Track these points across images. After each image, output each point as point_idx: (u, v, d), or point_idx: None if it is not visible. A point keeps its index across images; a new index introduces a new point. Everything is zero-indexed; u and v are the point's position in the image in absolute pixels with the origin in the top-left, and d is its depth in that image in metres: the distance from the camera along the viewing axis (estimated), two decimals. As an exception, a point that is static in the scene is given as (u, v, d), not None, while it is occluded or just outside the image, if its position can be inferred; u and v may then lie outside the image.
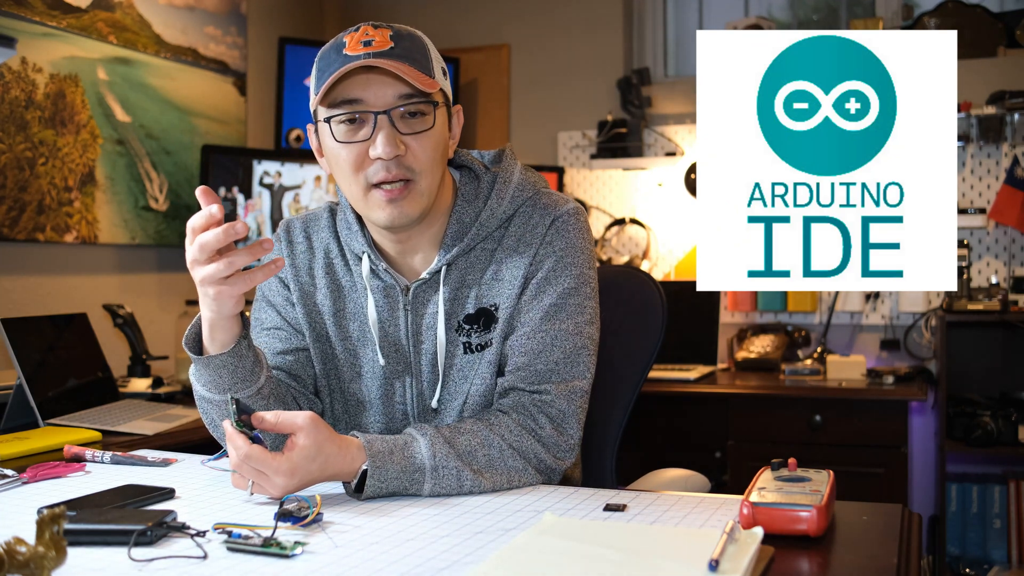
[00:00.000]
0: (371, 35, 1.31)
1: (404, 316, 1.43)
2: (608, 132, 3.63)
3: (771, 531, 1.00)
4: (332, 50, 1.33)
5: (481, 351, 1.40)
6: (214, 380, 1.29)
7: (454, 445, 1.25)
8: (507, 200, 1.42)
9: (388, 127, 1.30)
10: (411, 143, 1.32)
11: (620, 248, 3.71)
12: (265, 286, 1.51)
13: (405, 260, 1.44)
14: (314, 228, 1.51)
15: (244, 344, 1.28)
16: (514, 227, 1.42)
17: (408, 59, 1.30)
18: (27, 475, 1.33)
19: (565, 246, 1.41)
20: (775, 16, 3.79)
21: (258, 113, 3.59)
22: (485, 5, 3.95)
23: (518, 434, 1.31)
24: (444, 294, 1.40)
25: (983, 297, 3.02)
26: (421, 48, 1.34)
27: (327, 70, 1.31)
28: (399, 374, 1.43)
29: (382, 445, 1.22)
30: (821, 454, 2.90)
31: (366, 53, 1.29)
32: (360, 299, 1.45)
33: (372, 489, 1.20)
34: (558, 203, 1.44)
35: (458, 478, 1.23)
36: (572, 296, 1.39)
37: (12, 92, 2.61)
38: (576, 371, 1.37)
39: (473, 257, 1.42)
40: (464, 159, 1.47)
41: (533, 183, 1.46)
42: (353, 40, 1.31)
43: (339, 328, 1.46)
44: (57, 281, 2.79)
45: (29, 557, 0.80)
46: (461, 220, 1.41)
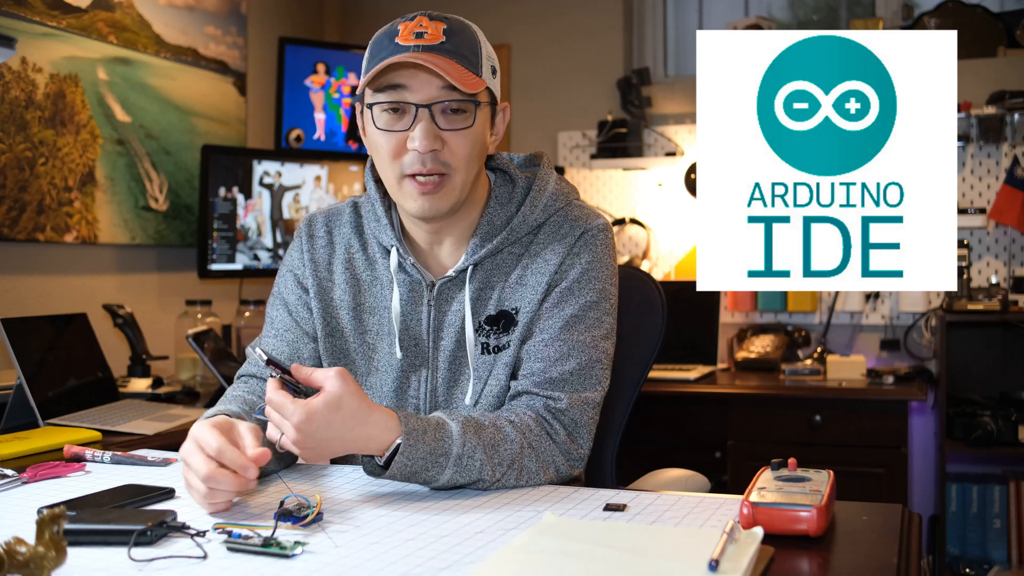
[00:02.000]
0: (425, 26, 1.32)
1: (427, 311, 1.43)
2: (608, 132, 3.63)
3: (771, 531, 1.00)
4: (385, 36, 1.34)
5: (497, 353, 1.41)
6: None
7: (481, 437, 1.25)
8: (540, 208, 1.43)
9: (427, 120, 1.31)
10: (449, 139, 1.33)
11: (620, 248, 3.71)
12: (282, 282, 1.52)
13: (433, 251, 1.45)
14: (336, 223, 1.52)
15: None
16: (543, 235, 1.43)
17: (457, 55, 1.31)
18: (27, 475, 1.33)
19: (591, 259, 1.42)
20: (775, 16, 3.79)
21: (258, 113, 3.59)
22: (485, 6, 3.95)
23: (538, 434, 1.31)
24: (469, 293, 1.41)
25: (983, 297, 3.02)
26: (472, 45, 1.34)
27: (377, 55, 1.32)
28: (415, 368, 1.44)
29: (417, 423, 1.21)
30: (821, 454, 2.90)
31: (416, 46, 1.29)
32: (382, 292, 1.46)
33: (398, 467, 1.18)
34: (589, 217, 1.45)
35: (479, 471, 1.23)
36: (592, 309, 1.40)
37: (12, 92, 2.61)
38: (589, 383, 1.38)
39: (499, 260, 1.43)
40: (499, 162, 1.48)
41: (566, 194, 1.47)
42: (407, 29, 1.32)
43: (358, 322, 1.46)
44: (57, 281, 2.79)
45: (29, 557, 0.80)
46: (492, 222, 1.42)
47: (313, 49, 3.53)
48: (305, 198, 3.31)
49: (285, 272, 1.52)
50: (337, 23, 4.05)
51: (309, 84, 3.51)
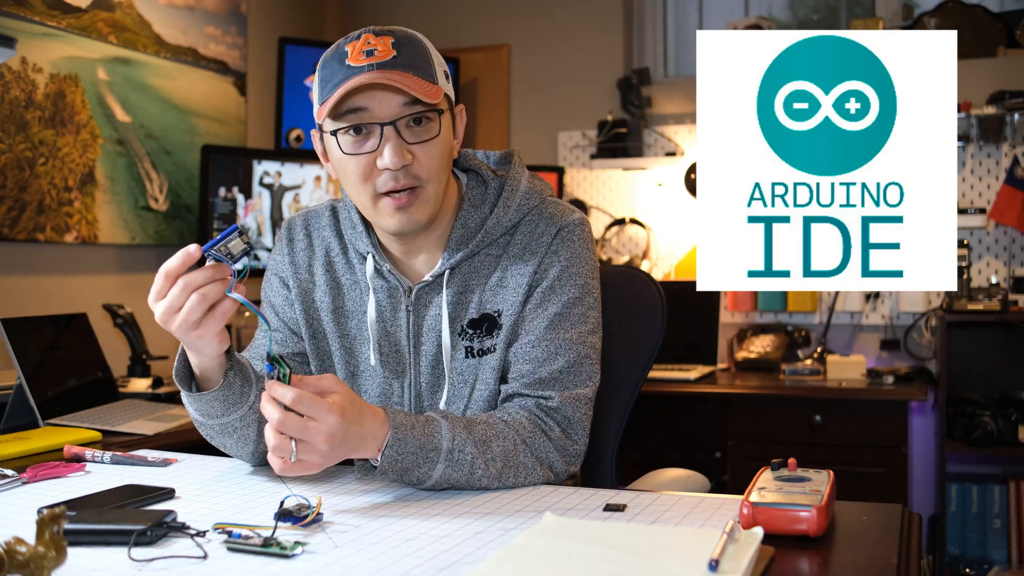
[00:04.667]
0: (373, 43, 1.30)
1: (406, 317, 1.43)
2: (608, 132, 3.63)
3: (771, 531, 1.00)
4: (334, 59, 1.32)
5: (483, 356, 1.41)
6: (206, 410, 1.29)
7: (472, 432, 1.25)
8: (514, 208, 1.43)
9: (395, 137, 1.30)
10: (418, 152, 1.32)
11: (620, 248, 3.71)
12: (267, 286, 1.53)
13: (409, 261, 1.45)
14: (315, 225, 1.52)
15: (231, 373, 1.27)
16: (520, 235, 1.43)
17: (411, 67, 1.30)
18: (27, 475, 1.33)
19: (570, 256, 1.41)
20: (775, 16, 3.79)
21: (258, 113, 3.59)
22: (485, 5, 3.95)
23: (532, 431, 1.31)
24: (447, 297, 1.40)
25: (983, 297, 3.02)
26: (423, 54, 1.33)
27: (330, 80, 1.31)
28: (398, 375, 1.44)
29: (405, 419, 1.21)
30: (821, 454, 2.90)
31: (369, 64, 1.28)
32: (361, 297, 1.46)
33: (387, 462, 1.18)
34: (564, 213, 1.44)
35: (471, 466, 1.23)
36: (576, 306, 1.40)
37: (12, 92, 2.61)
38: (579, 379, 1.38)
39: (477, 262, 1.42)
40: (470, 163, 1.47)
41: (540, 191, 1.47)
42: (355, 49, 1.30)
43: (337, 325, 1.46)
44: (57, 281, 2.79)
45: (29, 557, 0.80)
46: (467, 225, 1.42)
47: (313, 49, 3.53)
48: (305, 198, 3.31)
49: (270, 275, 1.53)
50: (337, 23, 4.05)
51: (309, 84, 3.51)
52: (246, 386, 1.30)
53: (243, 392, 1.29)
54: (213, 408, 1.29)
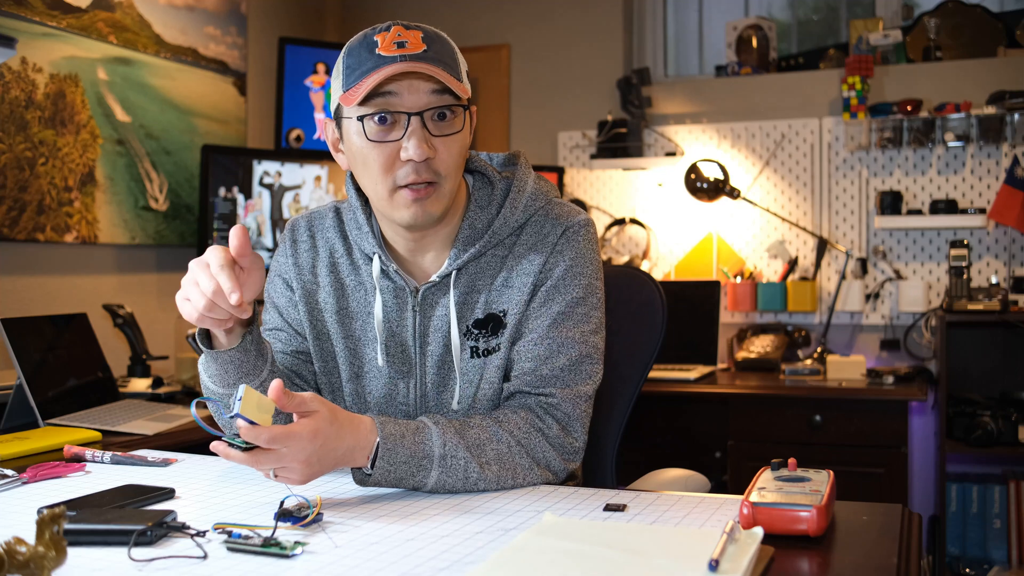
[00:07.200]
0: (404, 36, 1.31)
1: (412, 317, 1.43)
2: (608, 132, 3.63)
3: (771, 531, 1.00)
4: (363, 48, 1.32)
5: (487, 356, 1.41)
6: (220, 374, 1.31)
7: (464, 436, 1.25)
8: (520, 209, 1.43)
9: (420, 129, 1.30)
10: (439, 146, 1.32)
11: (620, 248, 3.71)
12: (271, 287, 1.53)
13: (416, 260, 1.45)
14: (319, 227, 1.52)
15: (249, 339, 1.29)
16: (526, 235, 1.43)
17: (441, 63, 1.31)
18: (27, 475, 1.33)
19: (575, 256, 1.42)
20: (775, 16, 3.79)
21: (258, 113, 3.59)
22: (485, 6, 3.95)
23: (527, 431, 1.32)
24: (454, 297, 1.41)
25: (983, 297, 3.02)
26: (450, 51, 1.34)
27: (358, 68, 1.30)
28: (403, 375, 1.44)
29: (394, 428, 1.22)
30: (821, 454, 2.90)
31: (402, 55, 1.28)
32: (366, 298, 1.46)
33: (380, 472, 1.19)
34: (570, 214, 1.45)
35: (465, 470, 1.23)
36: (579, 305, 1.41)
37: (12, 92, 2.61)
38: (580, 377, 1.38)
39: (483, 263, 1.43)
40: (477, 164, 1.47)
41: (545, 192, 1.47)
42: (386, 40, 1.30)
43: (342, 326, 1.46)
44: (57, 281, 2.79)
45: (29, 557, 0.80)
46: (473, 226, 1.42)
47: (313, 49, 3.53)
48: (305, 198, 3.31)
49: (273, 276, 1.53)
50: (337, 23, 4.05)
51: (309, 84, 3.51)
52: (260, 359, 1.32)
53: (257, 364, 1.31)
54: (227, 372, 1.30)
